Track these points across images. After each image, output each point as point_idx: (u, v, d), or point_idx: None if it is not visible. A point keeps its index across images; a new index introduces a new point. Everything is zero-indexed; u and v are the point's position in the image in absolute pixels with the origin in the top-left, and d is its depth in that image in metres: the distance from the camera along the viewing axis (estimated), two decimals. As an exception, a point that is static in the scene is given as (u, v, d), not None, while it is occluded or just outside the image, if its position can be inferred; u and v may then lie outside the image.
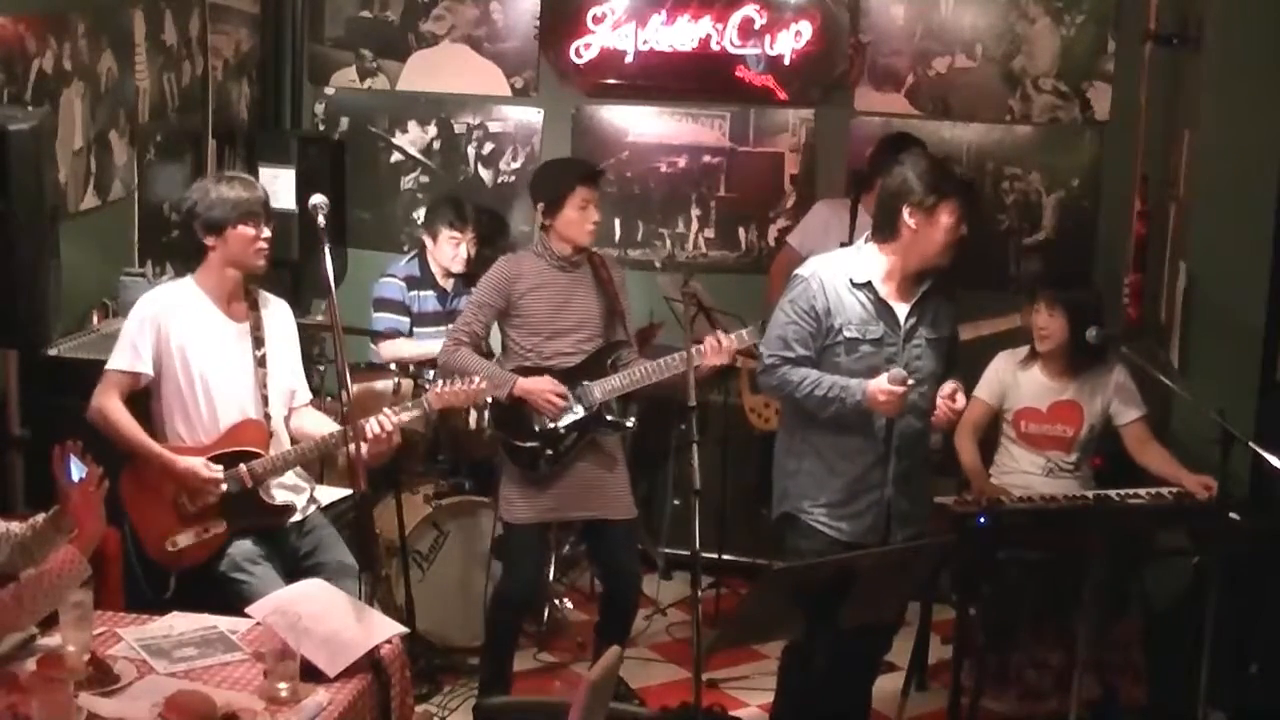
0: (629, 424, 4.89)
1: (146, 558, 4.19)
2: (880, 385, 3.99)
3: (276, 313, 4.43)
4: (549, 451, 4.74)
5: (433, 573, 5.25)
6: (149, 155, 5.77)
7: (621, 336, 4.84)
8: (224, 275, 4.26)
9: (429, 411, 4.54)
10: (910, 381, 4.01)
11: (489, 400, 4.80)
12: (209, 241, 4.23)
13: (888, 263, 4.11)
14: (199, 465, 4.16)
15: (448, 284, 5.76)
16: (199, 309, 4.26)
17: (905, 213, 4.04)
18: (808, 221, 5.94)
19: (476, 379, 4.47)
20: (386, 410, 4.31)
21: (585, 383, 4.73)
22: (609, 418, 4.79)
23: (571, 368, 4.75)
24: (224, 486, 4.17)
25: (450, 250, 5.71)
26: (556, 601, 5.74)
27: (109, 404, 4.19)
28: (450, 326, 5.11)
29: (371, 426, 4.19)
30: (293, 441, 4.36)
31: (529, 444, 4.74)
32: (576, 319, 4.77)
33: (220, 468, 4.18)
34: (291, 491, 4.36)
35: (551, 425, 4.72)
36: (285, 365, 4.41)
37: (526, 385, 4.68)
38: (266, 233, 4.27)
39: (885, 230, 4.11)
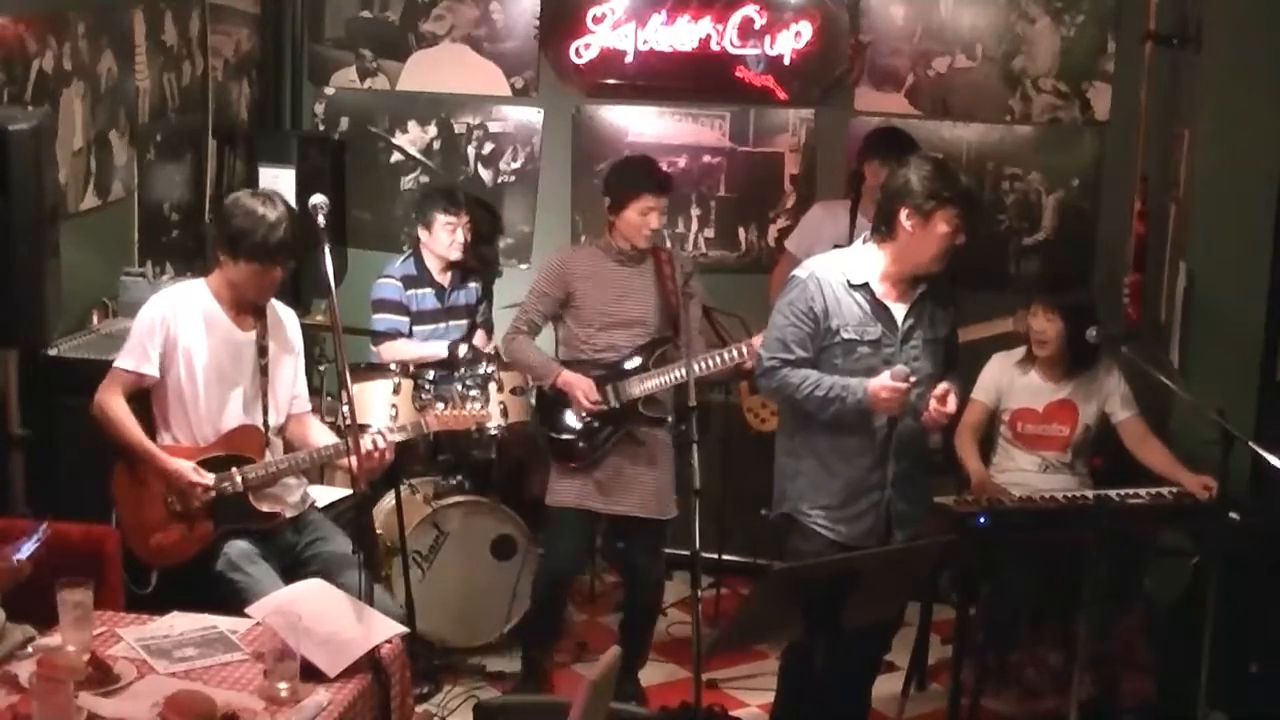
0: (667, 417, 4.93)
1: (130, 550, 4.19)
2: (882, 383, 3.99)
3: (283, 321, 4.43)
4: (582, 444, 4.84)
5: (433, 573, 5.25)
6: (149, 155, 5.76)
7: (672, 333, 4.86)
8: (233, 286, 4.27)
9: (426, 433, 4.57)
10: (912, 379, 4.01)
11: (535, 392, 5.00)
12: (220, 257, 4.25)
13: (884, 262, 4.10)
14: (187, 469, 4.17)
15: (445, 279, 5.74)
16: (208, 315, 4.27)
17: (903, 214, 4.03)
18: (803, 225, 5.94)
19: (480, 406, 4.61)
20: (381, 429, 4.33)
21: (624, 379, 4.82)
22: (645, 412, 4.85)
23: (616, 361, 4.84)
24: (211, 493, 4.18)
25: (446, 237, 5.68)
26: (557, 602, 5.75)
27: (110, 401, 4.21)
28: (515, 318, 5.07)
29: (365, 443, 4.20)
30: (289, 449, 4.37)
31: (565, 436, 4.85)
32: (630, 313, 4.86)
33: (212, 476, 4.18)
34: (282, 492, 4.36)
35: (587, 419, 4.82)
36: (287, 374, 4.42)
37: (568, 379, 4.80)
38: (278, 275, 4.26)
39: (883, 229, 4.10)
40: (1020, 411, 4.90)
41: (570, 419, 4.86)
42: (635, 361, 4.85)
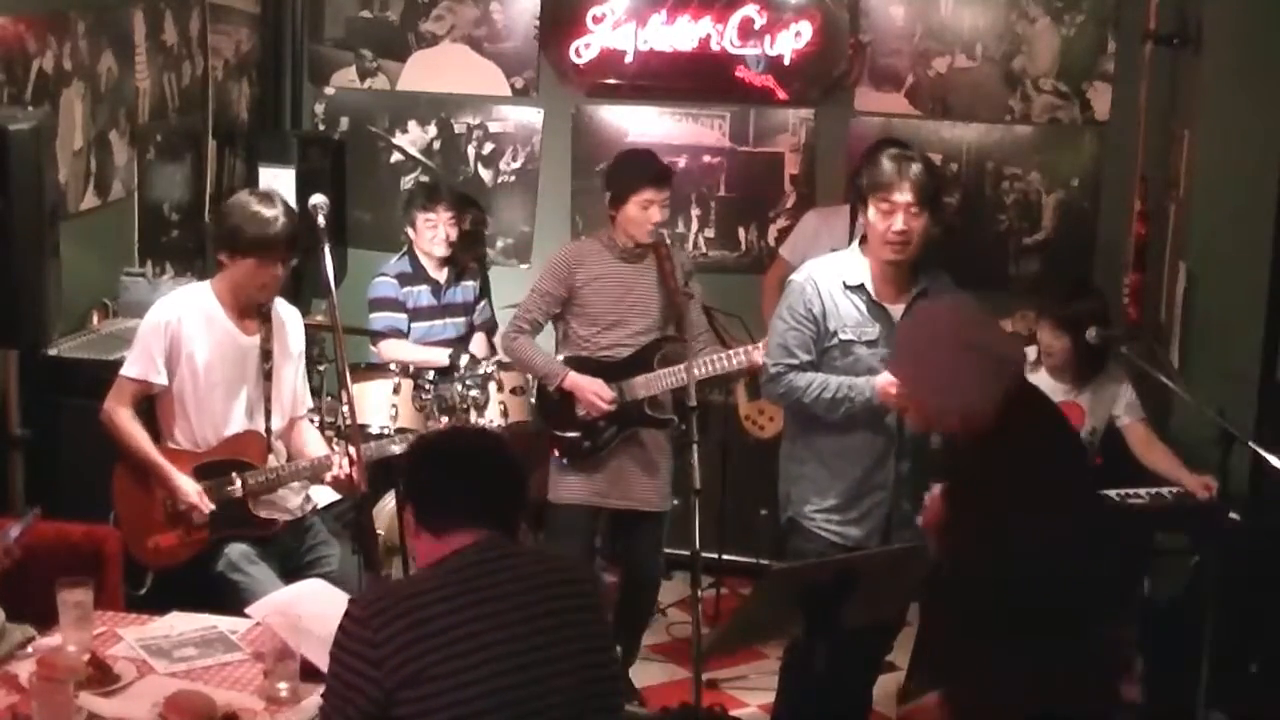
0: (671, 418, 4.94)
1: (127, 552, 4.19)
2: (889, 378, 3.99)
3: (287, 323, 4.42)
4: (587, 443, 4.84)
5: (433, 573, 5.24)
6: (149, 155, 5.76)
7: (675, 332, 4.85)
8: (238, 287, 4.26)
9: None
10: None
11: (535, 389, 4.99)
12: (221, 258, 4.24)
13: (869, 261, 4.14)
14: (192, 492, 4.17)
15: (440, 275, 5.74)
16: (212, 319, 4.26)
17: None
18: (798, 232, 5.94)
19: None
20: (348, 453, 4.24)
21: (630, 378, 4.80)
22: (650, 413, 4.85)
23: (621, 360, 4.82)
24: (207, 515, 4.18)
25: (429, 234, 5.68)
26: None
27: (119, 411, 4.22)
28: (514, 314, 5.05)
29: (333, 466, 4.24)
30: (287, 455, 4.37)
31: (569, 434, 4.84)
32: (634, 312, 4.84)
33: (212, 507, 4.19)
34: (282, 498, 4.36)
35: (592, 418, 4.81)
36: (290, 378, 4.42)
37: (576, 381, 4.78)
38: (278, 270, 4.22)
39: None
40: (1025, 412, 4.88)
41: (574, 418, 4.85)
42: (640, 361, 4.84)
